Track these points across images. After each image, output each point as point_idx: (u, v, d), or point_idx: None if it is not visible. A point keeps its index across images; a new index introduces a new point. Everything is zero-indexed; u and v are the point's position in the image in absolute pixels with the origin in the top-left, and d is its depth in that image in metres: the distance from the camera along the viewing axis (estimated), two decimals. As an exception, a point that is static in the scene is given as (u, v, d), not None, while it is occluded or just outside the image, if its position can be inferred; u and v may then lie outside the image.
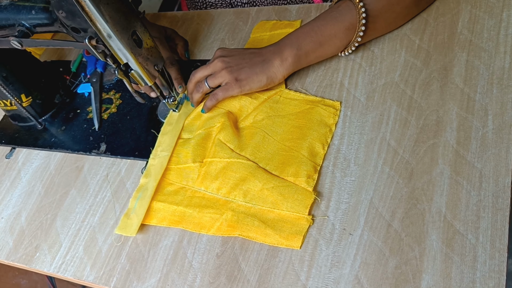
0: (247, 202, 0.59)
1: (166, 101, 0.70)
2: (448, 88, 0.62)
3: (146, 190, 0.64)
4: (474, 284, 0.47)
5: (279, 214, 0.58)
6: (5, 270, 1.71)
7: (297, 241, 0.55)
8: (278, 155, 0.62)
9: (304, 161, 0.60)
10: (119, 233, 0.62)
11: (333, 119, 0.64)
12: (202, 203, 0.61)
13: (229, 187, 0.60)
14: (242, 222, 0.58)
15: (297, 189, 0.58)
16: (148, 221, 0.63)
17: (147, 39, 0.61)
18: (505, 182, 0.52)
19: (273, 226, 0.57)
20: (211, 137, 0.66)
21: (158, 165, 0.66)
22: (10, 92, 0.77)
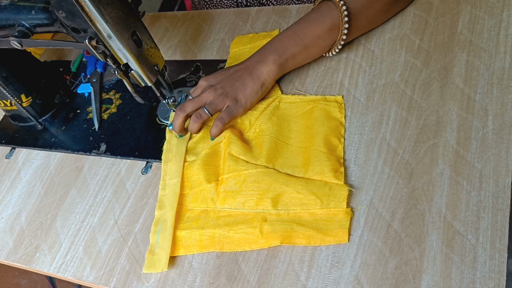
0: (279, 209, 0.57)
1: (166, 101, 0.70)
2: (448, 88, 0.62)
3: (165, 221, 0.61)
4: (474, 284, 0.47)
5: (315, 214, 0.56)
6: (5, 270, 1.71)
7: (343, 236, 0.54)
8: (296, 157, 0.61)
9: (325, 157, 0.59)
10: (149, 272, 0.58)
11: (340, 113, 0.64)
12: (230, 221, 0.59)
13: (255, 198, 0.59)
14: (280, 230, 0.55)
15: (328, 185, 0.57)
16: (176, 252, 0.59)
17: (147, 39, 0.61)
18: (505, 183, 0.52)
19: (314, 227, 0.55)
20: (219, 154, 0.65)
21: (170, 193, 0.63)
22: (10, 92, 0.77)
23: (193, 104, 0.66)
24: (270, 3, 0.88)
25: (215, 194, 0.61)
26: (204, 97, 0.66)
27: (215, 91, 0.66)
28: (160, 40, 0.87)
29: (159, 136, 0.72)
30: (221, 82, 0.67)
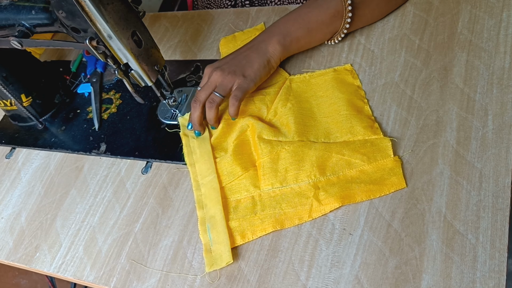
0: (328, 175, 0.58)
1: (167, 101, 0.70)
2: (448, 88, 0.62)
3: (212, 217, 0.60)
4: (474, 284, 0.47)
5: (364, 171, 0.57)
6: (5, 270, 1.71)
7: (400, 182, 0.55)
8: (327, 127, 0.62)
9: (354, 118, 0.61)
10: (213, 270, 0.56)
11: (353, 78, 0.66)
12: (282, 198, 0.59)
13: (301, 172, 0.59)
14: (336, 194, 0.56)
15: (368, 141, 0.58)
16: (236, 243, 0.58)
17: (147, 39, 0.61)
18: (505, 182, 0.52)
19: (369, 181, 0.56)
20: (248, 142, 0.65)
21: (210, 191, 0.62)
22: (10, 92, 0.77)
23: (204, 92, 0.65)
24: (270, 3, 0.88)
25: (256, 179, 0.61)
26: (213, 80, 0.65)
27: (222, 72, 0.65)
28: (160, 40, 0.87)
29: (159, 136, 0.72)
30: (225, 63, 0.66)
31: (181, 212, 0.63)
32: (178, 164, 0.68)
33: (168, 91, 0.69)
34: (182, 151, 0.68)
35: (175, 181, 0.66)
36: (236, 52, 0.68)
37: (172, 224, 0.62)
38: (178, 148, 0.69)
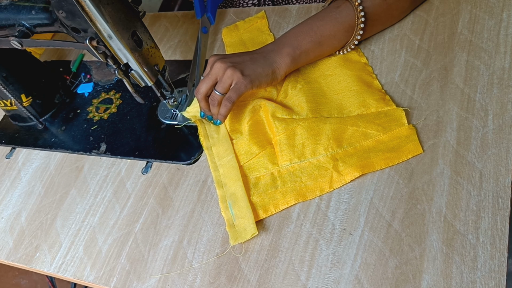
0: (345, 147, 0.59)
1: (167, 101, 0.70)
2: (448, 88, 0.62)
3: (233, 194, 0.61)
4: (474, 284, 0.47)
5: (380, 141, 0.59)
6: (5, 270, 1.71)
7: (417, 147, 0.57)
8: (338, 103, 0.64)
9: (365, 92, 0.62)
10: (237, 243, 0.57)
11: (359, 56, 0.67)
12: (301, 172, 0.60)
13: (318, 145, 0.60)
14: (355, 164, 0.57)
15: (382, 112, 0.60)
16: (260, 216, 0.59)
17: (147, 39, 0.61)
18: (505, 182, 0.52)
19: (386, 149, 0.57)
20: (262, 122, 0.66)
21: (229, 170, 0.63)
22: (10, 92, 0.77)
23: (205, 84, 0.65)
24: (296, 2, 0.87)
25: (274, 157, 0.62)
26: (214, 73, 0.64)
27: (224, 64, 0.64)
28: (160, 40, 0.87)
29: (159, 136, 0.72)
30: (230, 57, 0.65)
31: (181, 212, 0.63)
32: (178, 164, 0.68)
33: (168, 91, 0.69)
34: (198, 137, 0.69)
35: (175, 181, 0.66)
36: (245, 52, 0.68)
37: (172, 224, 0.62)
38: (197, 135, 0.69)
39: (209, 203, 0.63)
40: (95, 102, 0.82)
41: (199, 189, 0.65)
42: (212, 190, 0.64)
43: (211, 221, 0.61)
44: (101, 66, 0.88)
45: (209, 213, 0.62)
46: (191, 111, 0.71)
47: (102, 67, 0.87)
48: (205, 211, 0.62)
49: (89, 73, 0.87)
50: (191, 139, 0.70)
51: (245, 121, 0.66)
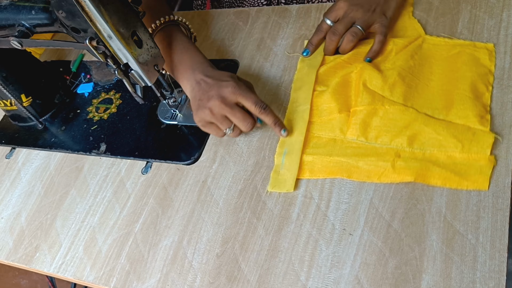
0: (415, 148, 0.57)
1: (167, 101, 0.70)
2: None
3: (291, 145, 0.62)
4: (474, 284, 0.47)
5: (453, 158, 0.55)
6: (5, 270, 1.71)
7: (484, 182, 0.52)
8: (438, 99, 0.60)
9: (470, 102, 0.57)
10: (274, 191, 0.60)
11: (490, 60, 0.61)
12: (360, 152, 0.59)
13: (390, 135, 0.58)
14: (414, 168, 0.55)
15: (471, 130, 0.55)
16: (301, 175, 0.60)
17: (147, 39, 0.61)
18: (505, 182, 0.52)
19: (451, 170, 0.54)
20: (351, 83, 0.65)
21: (299, 119, 0.64)
22: (10, 92, 0.77)
23: (344, 25, 0.67)
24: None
25: (345, 125, 0.62)
26: (353, 16, 0.66)
27: (362, 8, 0.66)
28: (160, 40, 0.87)
29: (159, 136, 0.72)
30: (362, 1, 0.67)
31: (181, 212, 0.63)
32: (178, 164, 0.68)
33: (168, 91, 0.69)
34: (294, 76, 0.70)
35: (175, 181, 0.66)
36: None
37: (172, 224, 0.62)
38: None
39: (209, 203, 0.63)
40: (95, 102, 0.82)
41: (199, 189, 0.65)
42: (212, 190, 0.64)
43: (211, 221, 0.61)
44: (101, 66, 0.88)
45: (209, 213, 0.62)
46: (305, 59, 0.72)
47: (102, 67, 0.87)
48: (205, 211, 0.62)
49: (89, 73, 0.87)
50: (191, 139, 0.70)
51: (336, 77, 0.66)
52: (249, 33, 0.80)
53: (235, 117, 0.61)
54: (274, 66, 0.74)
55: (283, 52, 0.75)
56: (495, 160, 0.53)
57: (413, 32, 0.68)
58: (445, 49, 0.65)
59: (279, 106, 0.68)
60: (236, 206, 0.61)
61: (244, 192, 0.62)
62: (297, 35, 0.76)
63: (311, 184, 0.59)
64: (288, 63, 0.73)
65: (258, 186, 0.62)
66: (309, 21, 0.77)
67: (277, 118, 0.62)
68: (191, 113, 0.73)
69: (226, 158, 0.66)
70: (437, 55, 0.64)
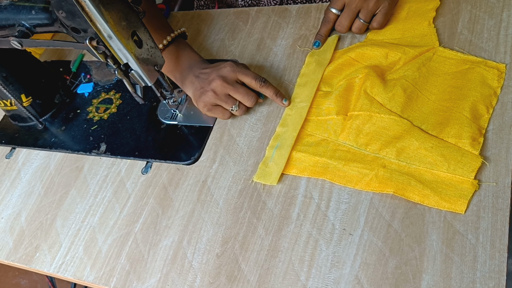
0: (401, 160, 0.57)
1: (167, 101, 0.70)
2: (448, 88, 0.62)
3: (284, 139, 0.64)
4: (474, 284, 0.47)
5: (437, 176, 0.54)
6: (5, 270, 1.71)
7: (461, 205, 0.52)
8: (435, 115, 0.59)
9: (466, 122, 0.56)
10: (258, 181, 0.62)
11: (497, 82, 0.59)
12: (348, 156, 0.59)
13: (380, 143, 0.58)
14: (396, 180, 0.55)
15: (460, 151, 0.55)
16: (288, 170, 0.61)
17: (147, 39, 0.61)
18: (505, 182, 0.52)
19: (432, 188, 0.53)
20: (353, 88, 0.65)
21: (296, 115, 0.65)
22: (10, 92, 0.77)
23: (349, 19, 0.68)
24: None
25: (340, 127, 0.62)
26: (357, 6, 0.67)
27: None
28: (160, 40, 0.87)
29: (159, 136, 0.72)
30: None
31: (181, 212, 0.63)
32: (178, 164, 0.68)
33: (168, 91, 0.69)
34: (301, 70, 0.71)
35: (175, 181, 0.66)
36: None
37: (172, 224, 0.63)
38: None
39: (209, 203, 0.63)
40: (95, 102, 0.82)
41: (199, 189, 0.65)
42: (212, 190, 0.64)
43: (211, 221, 0.61)
44: (101, 66, 0.88)
45: (209, 213, 0.62)
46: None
47: (102, 67, 0.87)
48: (205, 211, 0.62)
49: (89, 73, 0.87)
50: (191, 139, 0.70)
51: (341, 78, 0.67)
52: (249, 33, 0.80)
53: (238, 93, 0.65)
54: (274, 66, 0.74)
55: (283, 52, 0.75)
56: (477, 185, 0.53)
57: (428, 41, 0.67)
58: (454, 63, 0.63)
59: (279, 106, 0.69)
60: (236, 206, 0.61)
61: (244, 192, 0.62)
62: (297, 35, 0.76)
63: (311, 184, 0.59)
64: (288, 63, 0.73)
65: (258, 186, 0.62)
66: (309, 21, 0.77)
67: (277, 90, 0.66)
68: (191, 113, 0.73)
69: (226, 158, 0.66)
70: (446, 69, 0.63)
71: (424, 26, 0.68)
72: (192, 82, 0.68)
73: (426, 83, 0.62)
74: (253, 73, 0.66)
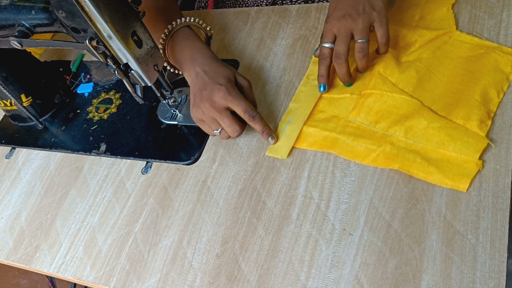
0: (409, 138, 0.58)
1: (166, 101, 0.70)
2: (448, 88, 0.62)
3: (297, 115, 0.65)
4: (474, 284, 0.47)
5: (443, 155, 0.56)
6: (5, 270, 1.71)
7: (464, 183, 0.53)
8: (445, 96, 0.60)
9: (476, 105, 0.57)
10: (270, 155, 0.63)
11: (511, 68, 0.60)
12: (357, 133, 0.61)
13: (389, 121, 0.60)
14: (402, 157, 0.57)
15: (467, 132, 0.56)
16: (298, 144, 0.63)
17: (147, 39, 0.61)
18: (505, 182, 0.52)
19: (437, 166, 0.55)
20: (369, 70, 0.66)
21: (309, 92, 0.67)
22: (10, 92, 0.77)
23: (344, 45, 0.62)
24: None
25: (352, 105, 0.64)
26: (347, 29, 0.61)
27: (350, 16, 0.61)
28: (160, 40, 0.87)
29: (159, 136, 0.72)
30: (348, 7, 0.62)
31: (181, 212, 0.63)
32: (178, 164, 0.68)
33: (168, 91, 0.69)
34: None
35: (175, 181, 0.66)
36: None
37: (172, 224, 0.63)
38: None
39: (209, 203, 0.63)
40: (95, 102, 0.82)
41: (199, 189, 0.65)
42: (212, 190, 0.64)
43: (211, 221, 0.61)
44: (101, 66, 0.88)
45: (209, 213, 0.62)
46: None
47: (102, 67, 0.87)
48: (205, 211, 0.62)
49: (89, 73, 0.87)
50: (191, 139, 0.70)
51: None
52: (249, 33, 0.80)
53: (222, 122, 0.64)
54: (274, 66, 0.74)
55: (283, 52, 0.75)
56: (482, 165, 0.54)
57: (445, 25, 0.67)
58: (470, 48, 0.64)
59: (280, 104, 0.69)
60: (236, 206, 0.61)
61: (244, 192, 0.62)
62: (297, 35, 0.76)
63: (311, 184, 0.60)
64: (288, 63, 0.73)
65: (258, 186, 0.62)
66: (309, 21, 0.77)
67: (265, 126, 0.64)
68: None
69: (226, 158, 0.66)
70: (460, 53, 0.64)
71: (443, 11, 0.69)
72: (192, 79, 0.67)
73: (439, 65, 0.64)
74: (244, 104, 0.62)
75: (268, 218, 0.59)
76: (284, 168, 0.62)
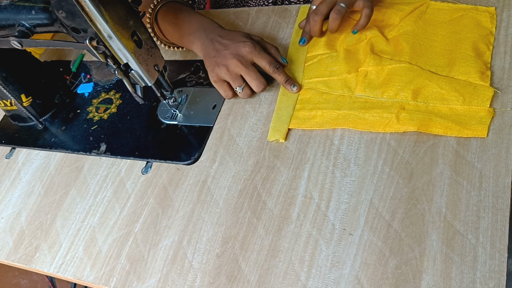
0: (418, 101, 0.60)
1: (167, 101, 0.70)
2: (448, 88, 0.62)
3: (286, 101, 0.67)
4: (474, 284, 0.47)
5: (455, 110, 0.58)
6: (5, 270, 1.71)
7: (482, 130, 0.55)
8: (441, 57, 0.63)
9: (471, 59, 0.61)
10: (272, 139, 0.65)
11: (491, 23, 0.64)
12: (367, 106, 0.62)
13: (395, 89, 0.61)
14: (417, 119, 0.58)
15: (472, 85, 0.59)
16: (310, 126, 0.64)
17: (147, 39, 0.61)
18: (505, 182, 0.52)
19: (453, 120, 0.57)
20: (359, 51, 0.68)
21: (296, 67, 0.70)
22: (10, 92, 0.77)
23: (326, 5, 0.67)
24: None
25: (354, 83, 0.65)
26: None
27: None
28: (160, 40, 0.87)
29: (159, 136, 0.72)
30: None
31: (181, 212, 0.63)
32: (178, 164, 0.68)
33: (168, 91, 0.69)
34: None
35: (175, 181, 0.67)
36: None
37: (172, 224, 0.63)
38: None
39: (209, 203, 0.63)
40: (95, 102, 0.82)
41: (199, 189, 0.65)
42: (212, 190, 0.64)
43: (211, 221, 0.61)
44: (101, 66, 0.88)
45: (209, 213, 0.62)
46: None
47: (102, 67, 0.88)
48: (205, 211, 0.62)
49: (89, 73, 0.87)
50: (191, 139, 0.71)
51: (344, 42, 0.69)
52: (249, 33, 0.80)
53: (249, 75, 0.66)
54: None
55: (283, 52, 0.75)
56: (493, 112, 0.57)
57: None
58: (448, 13, 0.68)
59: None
60: (236, 206, 0.61)
61: (244, 192, 0.62)
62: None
63: (311, 184, 0.60)
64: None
65: (258, 186, 0.62)
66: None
67: (288, 77, 0.67)
68: (191, 113, 0.73)
69: (226, 158, 0.66)
70: (440, 19, 0.68)
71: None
72: (205, 46, 0.69)
73: (425, 33, 0.66)
74: (269, 57, 0.67)
75: (268, 218, 0.59)
76: (284, 168, 0.62)
